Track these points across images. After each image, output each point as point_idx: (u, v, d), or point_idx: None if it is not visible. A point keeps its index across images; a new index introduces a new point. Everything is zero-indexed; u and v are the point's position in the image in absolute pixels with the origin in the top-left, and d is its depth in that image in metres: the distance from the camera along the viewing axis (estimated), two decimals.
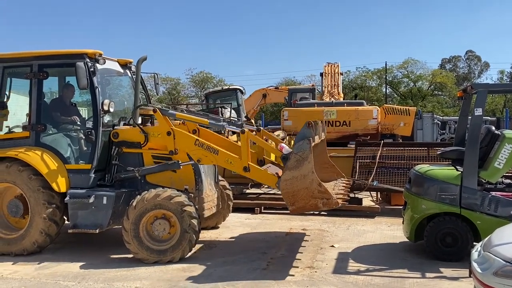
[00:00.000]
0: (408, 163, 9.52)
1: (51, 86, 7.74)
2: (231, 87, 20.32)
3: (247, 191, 10.51)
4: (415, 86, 46.80)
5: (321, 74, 18.33)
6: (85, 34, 74.15)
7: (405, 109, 13.05)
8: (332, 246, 7.14)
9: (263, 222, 8.94)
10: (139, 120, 7.10)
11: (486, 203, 6.04)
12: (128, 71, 7.77)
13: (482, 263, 3.99)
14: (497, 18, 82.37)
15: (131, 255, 6.41)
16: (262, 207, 9.86)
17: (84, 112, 7.87)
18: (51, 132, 7.06)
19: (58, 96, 7.74)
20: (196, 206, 6.55)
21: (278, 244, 7.32)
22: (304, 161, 5.76)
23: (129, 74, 7.80)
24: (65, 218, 6.90)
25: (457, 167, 6.37)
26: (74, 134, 7.09)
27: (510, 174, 6.99)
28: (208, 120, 7.03)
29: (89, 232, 6.57)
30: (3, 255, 6.77)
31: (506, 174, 6.62)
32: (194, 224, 6.26)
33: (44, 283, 5.70)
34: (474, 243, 5.52)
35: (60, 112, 7.18)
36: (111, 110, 6.83)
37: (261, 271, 5.99)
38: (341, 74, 18.55)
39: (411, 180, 6.76)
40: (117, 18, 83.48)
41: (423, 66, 46.99)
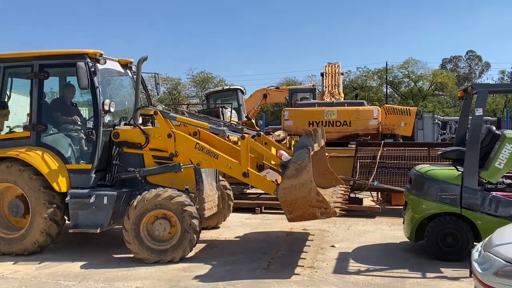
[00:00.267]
0: (409, 163, 9.52)
1: (52, 86, 7.76)
2: (231, 87, 20.33)
3: (248, 191, 10.53)
4: (416, 86, 46.75)
5: (322, 74, 18.32)
6: (85, 34, 74.25)
7: (406, 109, 13.03)
8: (333, 246, 7.15)
9: (264, 222, 8.95)
10: (140, 120, 7.10)
11: (486, 203, 6.04)
12: (128, 71, 7.78)
13: (483, 263, 3.99)
14: (498, 18, 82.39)
15: (132, 255, 6.41)
16: (263, 207, 9.87)
17: (85, 112, 7.88)
18: (51, 132, 7.06)
19: (58, 96, 7.75)
20: (197, 206, 6.56)
21: (278, 244, 7.32)
22: (303, 170, 5.78)
23: (129, 74, 7.80)
24: (66, 218, 6.90)
25: (458, 167, 6.37)
26: (75, 134, 7.09)
27: (510, 174, 6.98)
28: (208, 125, 7.02)
29: (90, 232, 6.58)
30: (4, 254, 6.78)
31: (507, 174, 6.62)
32: (195, 224, 6.27)
33: (45, 282, 5.71)
34: (475, 243, 5.52)
35: (60, 112, 7.19)
36: (112, 110, 6.83)
37: (261, 271, 5.99)
38: (342, 74, 18.54)
39: (412, 180, 6.76)
40: (117, 18, 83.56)
41: (424, 66, 47.02)
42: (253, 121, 16.92)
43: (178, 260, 6.31)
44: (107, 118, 7.12)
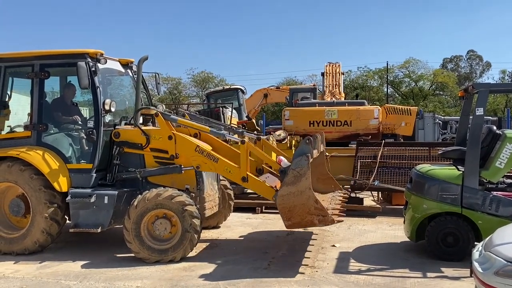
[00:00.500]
0: (409, 162, 9.53)
1: (52, 85, 7.76)
2: (232, 86, 20.33)
3: (248, 190, 10.51)
4: (417, 85, 46.73)
5: (322, 74, 18.30)
6: (86, 34, 74.25)
7: (407, 109, 13.02)
8: (333, 245, 7.15)
9: (264, 222, 8.95)
10: (141, 119, 7.10)
11: (487, 203, 6.04)
12: (129, 71, 7.78)
13: (483, 262, 3.99)
14: (499, 18, 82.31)
15: (132, 255, 6.41)
16: (263, 206, 9.87)
17: (86, 112, 7.88)
18: (52, 131, 7.07)
19: (59, 96, 7.76)
20: (197, 206, 6.56)
21: (279, 243, 7.32)
22: (301, 177, 5.78)
23: (130, 74, 7.81)
24: (67, 218, 6.90)
25: (459, 166, 6.37)
26: (76, 133, 7.09)
27: (511, 174, 6.98)
28: (209, 128, 7.02)
29: (91, 231, 6.58)
30: (4, 254, 6.79)
31: (508, 174, 6.62)
32: (195, 224, 6.27)
33: (46, 282, 5.71)
34: (475, 243, 5.51)
35: (61, 111, 7.19)
36: (112, 109, 6.84)
37: (262, 270, 6.00)
38: (342, 73, 18.52)
39: (412, 179, 6.75)
40: (118, 17, 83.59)
41: (425, 65, 47.00)
42: (254, 121, 16.92)
43: (178, 260, 6.31)
44: (108, 118, 7.13)
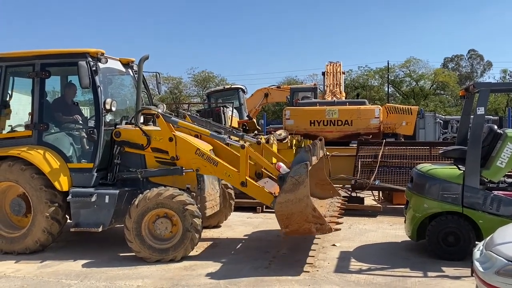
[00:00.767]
0: (410, 162, 9.53)
1: (53, 85, 7.76)
2: (233, 86, 20.34)
3: None
4: (417, 85, 46.72)
5: (323, 73, 18.31)
6: (86, 34, 74.28)
7: (407, 108, 13.02)
8: (334, 245, 7.15)
9: (265, 221, 8.95)
10: (141, 119, 7.09)
11: (488, 202, 6.03)
12: (130, 70, 7.78)
13: (484, 262, 3.99)
14: (500, 17, 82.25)
15: (133, 254, 6.41)
16: (264, 206, 9.85)
17: (86, 111, 7.88)
18: (53, 131, 7.07)
19: (60, 95, 7.77)
20: (198, 205, 6.56)
21: (280, 243, 7.32)
22: (300, 185, 5.77)
23: (131, 73, 7.81)
24: (68, 217, 6.90)
25: (459, 166, 6.36)
26: (76, 133, 7.10)
27: None
28: (209, 132, 7.02)
29: (91, 230, 6.58)
30: (5, 253, 6.79)
31: (509, 173, 6.61)
32: (196, 223, 6.27)
33: (47, 281, 5.71)
34: (476, 242, 5.51)
35: (62, 111, 7.19)
36: (113, 109, 6.83)
37: (263, 269, 5.99)
38: (343, 73, 18.53)
39: (413, 179, 6.75)
40: (118, 17, 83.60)
41: (425, 65, 47.01)
42: (254, 120, 16.93)
43: (179, 259, 6.31)
44: (109, 117, 7.13)
